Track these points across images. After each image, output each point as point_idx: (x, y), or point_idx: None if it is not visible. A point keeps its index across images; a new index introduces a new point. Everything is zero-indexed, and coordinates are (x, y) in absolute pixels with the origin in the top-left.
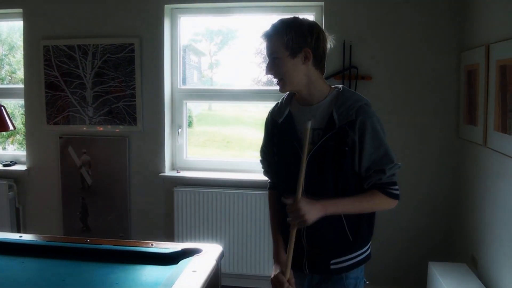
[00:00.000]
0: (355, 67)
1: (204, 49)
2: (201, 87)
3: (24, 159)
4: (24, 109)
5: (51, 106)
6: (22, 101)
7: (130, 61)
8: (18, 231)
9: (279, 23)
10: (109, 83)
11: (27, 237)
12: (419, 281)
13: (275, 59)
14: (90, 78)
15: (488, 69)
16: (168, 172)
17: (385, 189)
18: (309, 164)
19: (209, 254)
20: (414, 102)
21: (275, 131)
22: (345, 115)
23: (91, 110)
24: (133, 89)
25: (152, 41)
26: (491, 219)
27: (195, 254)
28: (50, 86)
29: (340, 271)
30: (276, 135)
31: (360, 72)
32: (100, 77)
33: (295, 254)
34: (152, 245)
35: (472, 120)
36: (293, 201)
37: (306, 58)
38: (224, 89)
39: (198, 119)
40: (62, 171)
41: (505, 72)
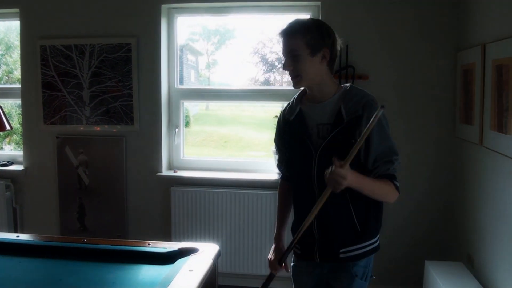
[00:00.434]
0: (352, 67)
1: (202, 49)
2: (198, 87)
3: (21, 159)
4: (21, 109)
5: (48, 106)
6: (19, 101)
7: (127, 61)
8: (15, 231)
9: (300, 22)
10: (106, 83)
11: (24, 237)
12: (416, 280)
13: (296, 56)
14: (87, 78)
15: (484, 69)
16: (165, 172)
17: (392, 180)
18: (320, 159)
19: (206, 254)
20: (410, 102)
21: (287, 129)
22: (353, 110)
23: (88, 110)
24: (130, 89)
25: (149, 41)
26: (488, 218)
27: (192, 254)
28: (47, 86)
29: (349, 260)
30: (288, 133)
31: (357, 72)
32: (97, 77)
33: (307, 244)
34: (149, 245)
35: (468, 119)
36: (341, 165)
37: (324, 58)
38: (221, 89)
39: (196, 119)
40: (59, 171)
41: (501, 72)
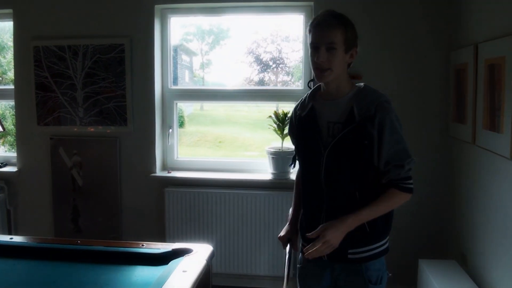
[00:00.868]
0: None
1: (196, 49)
2: (192, 87)
3: (15, 161)
4: (15, 110)
5: (42, 107)
6: (13, 102)
7: (121, 62)
8: (9, 233)
9: (340, 16)
10: (100, 84)
11: (18, 239)
12: (410, 279)
13: (332, 49)
14: (81, 79)
15: (477, 68)
16: (159, 173)
17: (401, 185)
18: (329, 157)
19: (200, 254)
20: (404, 101)
21: (297, 124)
22: (365, 110)
23: (82, 111)
24: (124, 90)
25: (143, 42)
26: (481, 217)
27: (186, 254)
28: (41, 87)
29: (358, 261)
30: (299, 129)
31: (350, 71)
32: (91, 78)
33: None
34: (143, 246)
35: (461, 118)
36: (319, 237)
37: (351, 57)
38: (215, 89)
39: (190, 119)
40: (53, 172)
41: (493, 71)
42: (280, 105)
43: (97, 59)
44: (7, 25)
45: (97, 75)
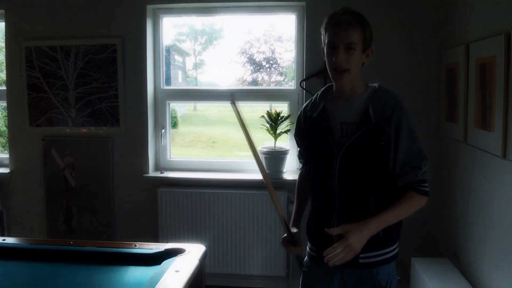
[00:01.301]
0: None
1: (189, 49)
2: (184, 87)
3: (7, 162)
4: (7, 111)
5: (34, 108)
6: (5, 103)
7: (113, 62)
8: (2, 234)
9: (359, 14)
10: (92, 84)
11: (11, 240)
12: (403, 277)
13: (351, 49)
14: (73, 79)
15: (468, 67)
16: (152, 173)
17: (419, 188)
18: (343, 158)
19: (192, 254)
20: None
21: (308, 126)
22: (381, 111)
23: (74, 112)
24: (116, 90)
25: (135, 42)
26: (473, 215)
27: (179, 254)
28: (33, 88)
29: (369, 266)
30: (309, 130)
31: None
32: (83, 78)
33: (326, 247)
34: (136, 246)
35: (453, 117)
36: (342, 240)
37: (367, 57)
38: (207, 89)
39: (183, 120)
40: (46, 173)
41: (485, 70)
42: (274, 105)
43: (89, 60)
44: None
45: (89, 76)
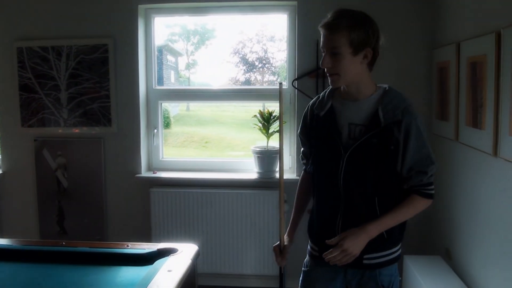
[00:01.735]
0: None
1: (181, 49)
2: (177, 87)
3: None
4: None
5: (26, 109)
6: None
7: (104, 62)
8: None
9: (346, 17)
10: (84, 84)
11: (3, 241)
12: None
13: (336, 54)
14: (64, 80)
15: (459, 66)
16: (144, 173)
17: (423, 191)
18: (350, 160)
19: (185, 254)
20: None
21: (314, 124)
22: (391, 114)
23: (66, 112)
24: (108, 90)
25: (126, 42)
26: (464, 212)
27: (171, 254)
28: (24, 88)
29: (372, 267)
30: (315, 128)
31: None
32: (74, 79)
33: (329, 247)
34: (128, 246)
35: (444, 116)
36: (338, 245)
37: (366, 58)
38: (199, 89)
39: (176, 120)
40: (38, 174)
41: (475, 69)
42: (267, 105)
43: (81, 60)
44: None
45: (81, 76)
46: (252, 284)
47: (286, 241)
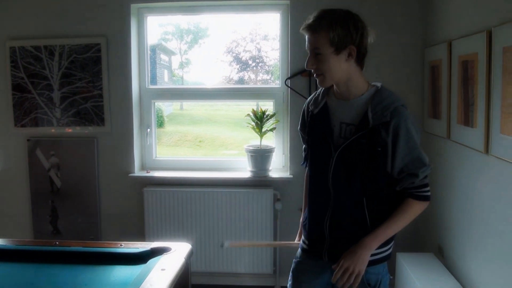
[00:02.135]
0: None
1: (175, 48)
2: (170, 87)
3: None
4: None
5: (18, 108)
6: None
7: (97, 61)
8: None
9: (325, 17)
10: (76, 84)
11: None
12: (389, 272)
13: (318, 55)
14: (57, 79)
15: (451, 65)
16: (138, 173)
17: (417, 194)
18: (339, 158)
19: (178, 253)
20: None
21: (309, 121)
22: (380, 116)
23: (59, 112)
24: (101, 90)
25: (119, 41)
26: (456, 210)
27: (164, 253)
28: (17, 88)
29: None
30: (310, 125)
31: None
32: (67, 78)
33: (317, 242)
34: (121, 246)
35: (436, 114)
36: (337, 268)
37: (350, 55)
38: (193, 88)
39: (170, 119)
40: (31, 174)
41: (467, 67)
42: (260, 104)
43: (74, 59)
44: None
45: (74, 75)
46: (246, 283)
47: (297, 238)
